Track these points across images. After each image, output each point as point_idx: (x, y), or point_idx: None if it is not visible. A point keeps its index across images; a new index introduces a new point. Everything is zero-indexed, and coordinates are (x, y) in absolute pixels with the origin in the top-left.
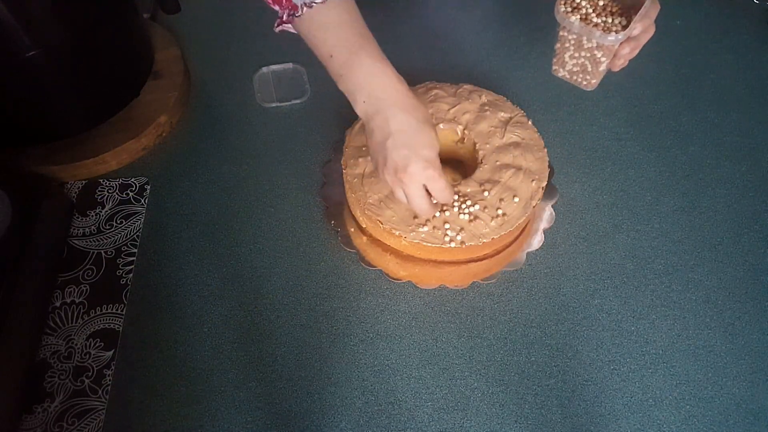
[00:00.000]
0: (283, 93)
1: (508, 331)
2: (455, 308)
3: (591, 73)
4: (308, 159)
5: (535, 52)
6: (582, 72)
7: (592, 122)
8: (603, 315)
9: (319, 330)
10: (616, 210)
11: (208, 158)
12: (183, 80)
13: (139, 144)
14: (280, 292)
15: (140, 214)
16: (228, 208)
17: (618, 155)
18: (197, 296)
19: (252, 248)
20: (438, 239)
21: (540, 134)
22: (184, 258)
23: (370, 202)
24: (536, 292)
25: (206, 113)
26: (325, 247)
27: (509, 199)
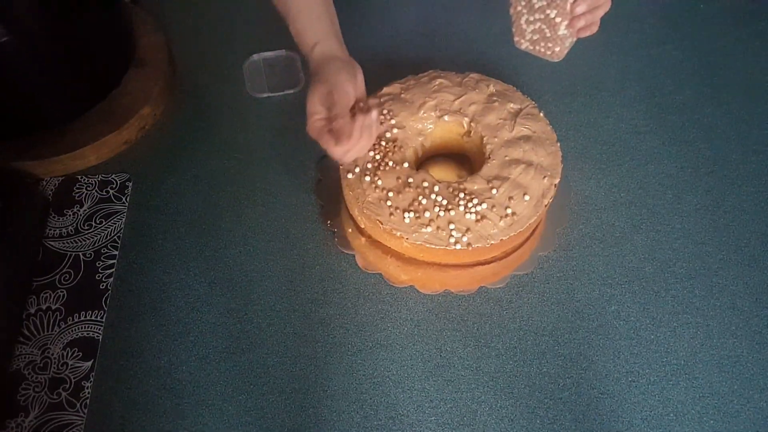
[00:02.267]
0: (275, 82)
1: (518, 340)
2: (461, 315)
3: (552, 39)
4: (303, 154)
5: None
6: (542, 39)
7: (609, 114)
8: (620, 322)
9: (314, 338)
10: (635, 209)
11: (195, 153)
12: (167, 69)
13: (120, 138)
14: (272, 298)
15: (121, 213)
16: (216, 206)
17: (637, 149)
18: (183, 302)
19: (242, 250)
20: (442, 240)
21: (552, 127)
22: (168, 261)
23: (369, 201)
24: (548, 297)
25: (193, 104)
26: (320, 249)
27: (519, 198)
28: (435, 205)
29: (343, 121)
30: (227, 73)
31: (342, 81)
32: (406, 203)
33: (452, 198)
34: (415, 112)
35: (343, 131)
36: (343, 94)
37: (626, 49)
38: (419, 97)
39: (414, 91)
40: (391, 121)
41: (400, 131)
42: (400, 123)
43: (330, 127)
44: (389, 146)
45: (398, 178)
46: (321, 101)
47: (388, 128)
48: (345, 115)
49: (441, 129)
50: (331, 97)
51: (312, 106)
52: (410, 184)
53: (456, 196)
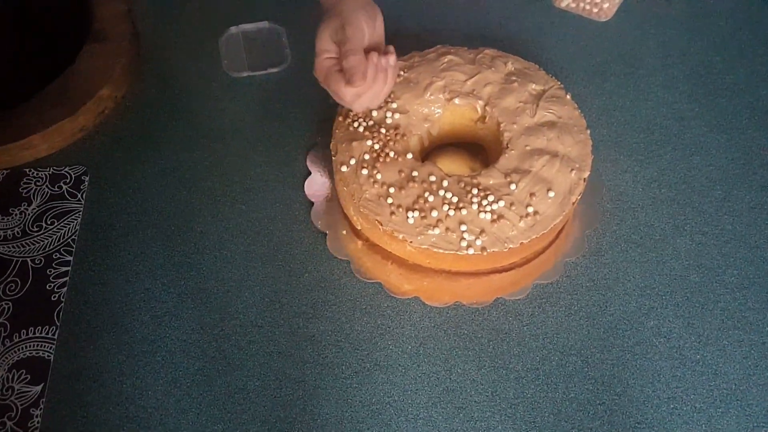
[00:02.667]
0: (256, 59)
1: (540, 361)
2: (474, 331)
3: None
4: (289, 143)
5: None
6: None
7: (648, 96)
8: (660, 340)
9: (302, 359)
10: (677, 207)
11: (163, 142)
12: (130, 43)
13: (76, 124)
14: (253, 312)
15: (76, 212)
16: (188, 205)
17: (680, 138)
18: (149, 316)
19: (218, 256)
20: (452, 244)
21: (581, 112)
22: (132, 268)
23: (366, 198)
24: (576, 311)
25: (160, 85)
26: (310, 254)
27: (542, 194)
28: (444, 202)
29: (356, 59)
30: (200, 49)
31: (358, 18)
32: (409, 201)
33: (464, 194)
34: (421, 95)
35: (356, 69)
36: (358, 30)
37: (667, 21)
38: (425, 77)
39: (419, 70)
40: (391, 105)
41: (403, 116)
42: (402, 107)
43: (340, 66)
44: (390, 134)
45: (401, 171)
46: (333, 37)
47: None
48: (358, 52)
49: (451, 114)
50: (344, 33)
51: (322, 43)
52: (415, 179)
53: (468, 193)
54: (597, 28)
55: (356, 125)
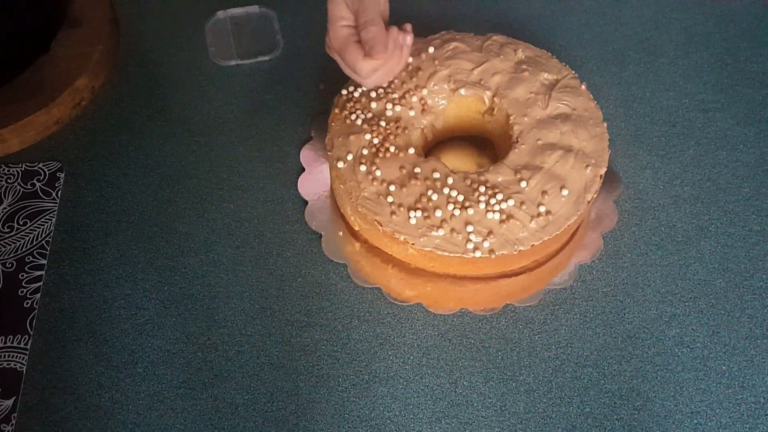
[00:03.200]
0: (246, 47)
1: (553, 372)
2: (481, 340)
3: None
4: (281, 137)
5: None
6: None
7: (669, 86)
8: (683, 350)
9: (296, 370)
10: (701, 206)
11: (144, 136)
12: (109, 29)
13: (50, 116)
14: (242, 319)
15: (51, 212)
16: (171, 203)
17: (704, 132)
18: (129, 324)
19: (204, 259)
20: (458, 246)
21: (597, 103)
22: (111, 272)
23: (365, 196)
24: (592, 318)
25: (141, 75)
26: (304, 257)
27: (555, 192)
28: (448, 201)
29: (378, 30)
30: (185, 36)
31: None
32: (411, 199)
33: (470, 193)
34: (424, 84)
35: (377, 41)
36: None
37: (690, 5)
38: (428, 65)
39: (422, 58)
40: (392, 96)
41: (404, 109)
42: (404, 98)
43: (358, 37)
44: (391, 127)
45: (402, 167)
46: (348, 5)
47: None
48: (379, 23)
49: (456, 106)
50: (360, 2)
51: (338, 9)
52: (417, 176)
53: (475, 191)
54: (614, 13)
55: (354, 118)
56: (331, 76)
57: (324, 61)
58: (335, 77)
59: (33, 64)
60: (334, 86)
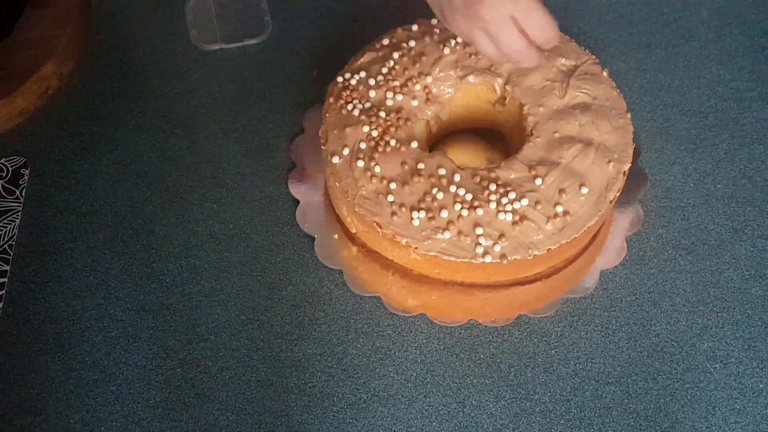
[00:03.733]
0: (230, 29)
1: (571, 391)
2: (492, 355)
3: None
4: (269, 129)
5: None
6: None
7: (700, 73)
8: (716, 365)
9: (287, 387)
10: (736, 206)
11: (118, 128)
12: (79, 10)
13: (14, 106)
14: (226, 332)
15: (14, 212)
16: (148, 203)
17: (738, 123)
18: (101, 337)
19: (185, 264)
20: (466, 251)
21: (620, 92)
22: (80, 279)
23: (362, 195)
24: (614, 331)
25: (115, 60)
26: (294, 262)
27: (574, 190)
28: (455, 201)
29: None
30: (163, 16)
31: None
32: (414, 199)
33: (480, 191)
34: (428, 71)
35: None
36: None
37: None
38: (434, 50)
39: (426, 41)
40: (393, 83)
41: (407, 98)
42: (406, 86)
43: None
44: (391, 119)
45: (404, 163)
46: None
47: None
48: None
49: (464, 94)
50: None
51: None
52: (420, 172)
53: (485, 189)
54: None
55: (350, 108)
56: (324, 62)
57: (317, 45)
58: (329, 63)
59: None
60: (328, 73)
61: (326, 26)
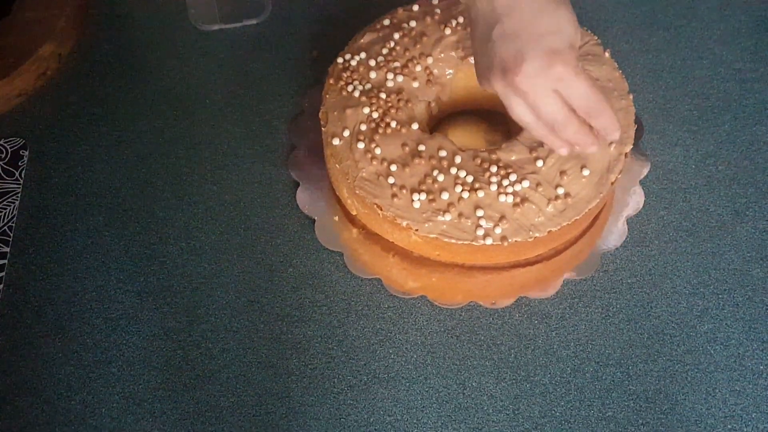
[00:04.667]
0: (230, 9)
1: (572, 372)
2: (492, 337)
3: None
4: (269, 110)
5: None
6: None
7: (703, 54)
8: (716, 347)
9: (287, 369)
10: (738, 188)
11: (117, 110)
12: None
13: (12, 88)
14: (226, 313)
15: (14, 194)
16: (148, 185)
17: (741, 104)
18: (101, 319)
19: (185, 247)
20: (467, 233)
21: (622, 72)
22: (80, 261)
23: (363, 177)
24: (615, 312)
25: (113, 41)
26: (295, 244)
27: (575, 172)
28: (456, 182)
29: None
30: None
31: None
32: (415, 180)
33: (480, 173)
34: (429, 52)
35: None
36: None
37: None
38: (434, 30)
39: (427, 22)
40: (393, 64)
41: (407, 79)
42: (407, 67)
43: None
44: (392, 100)
45: (404, 144)
46: None
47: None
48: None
49: (465, 75)
50: None
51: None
52: (421, 154)
53: (486, 171)
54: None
55: (351, 89)
56: (324, 43)
57: (317, 26)
58: (329, 43)
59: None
60: (329, 53)
61: (326, 6)
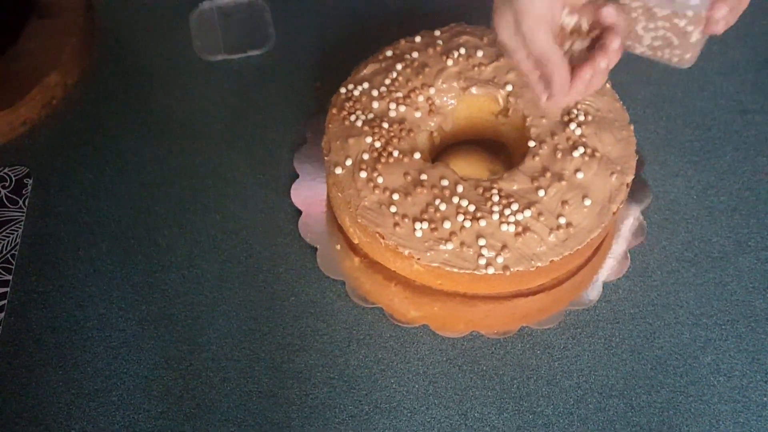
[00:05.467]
0: (234, 40)
1: (575, 403)
2: (494, 367)
3: (680, 47)
4: (272, 140)
5: None
6: (667, 47)
7: (704, 86)
8: (720, 378)
9: (288, 399)
10: (740, 219)
11: (121, 138)
12: (84, 20)
13: (17, 117)
14: (228, 342)
15: (17, 222)
16: (151, 213)
17: (742, 136)
18: (103, 347)
19: (187, 274)
20: (469, 262)
21: (623, 103)
22: (82, 289)
23: (365, 206)
24: (618, 343)
25: (119, 71)
26: (297, 272)
27: (577, 202)
28: (458, 212)
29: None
30: (167, 27)
31: None
32: (417, 209)
33: (482, 202)
34: (431, 82)
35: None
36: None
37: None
38: (436, 61)
39: (429, 53)
40: (396, 94)
41: (410, 109)
42: (409, 97)
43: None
44: (394, 129)
45: (406, 174)
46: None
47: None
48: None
49: (467, 105)
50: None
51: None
52: (423, 183)
53: (488, 200)
54: None
55: (353, 119)
56: (327, 73)
57: (320, 56)
58: (332, 74)
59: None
60: (332, 84)
61: (329, 38)
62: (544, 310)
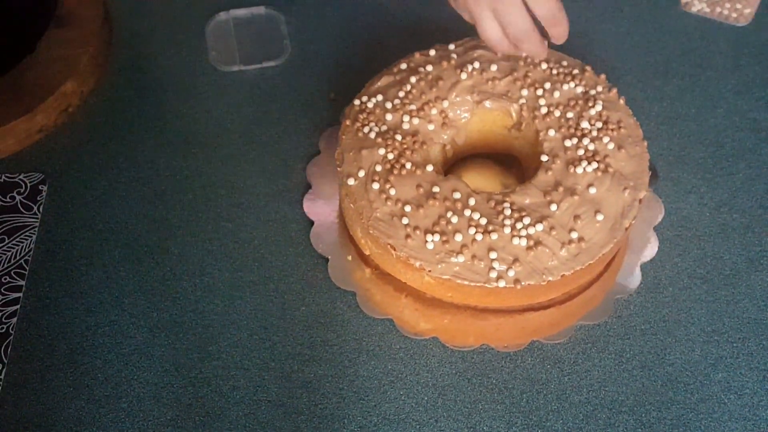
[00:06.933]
0: (250, 51)
1: (584, 419)
2: (504, 381)
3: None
4: (286, 150)
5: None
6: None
7: (717, 102)
8: (731, 396)
9: (297, 409)
10: (752, 236)
11: (136, 146)
12: (101, 30)
13: (33, 124)
14: (238, 351)
15: (32, 228)
16: (164, 221)
17: (755, 153)
18: (114, 354)
19: (198, 283)
20: (480, 275)
21: (637, 119)
22: (95, 296)
23: (377, 217)
24: (629, 359)
25: (134, 80)
26: (308, 283)
27: (589, 217)
28: (470, 225)
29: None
30: (183, 38)
31: None
32: (429, 222)
33: (494, 216)
34: (445, 96)
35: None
36: None
37: None
38: (450, 75)
39: (444, 66)
40: (409, 107)
41: (423, 122)
42: (422, 110)
43: None
44: (407, 142)
45: (419, 186)
46: None
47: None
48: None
49: (480, 119)
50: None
51: None
52: (435, 195)
53: (500, 214)
54: (656, 21)
55: (367, 131)
56: (342, 85)
57: (335, 69)
58: (346, 86)
59: (15, 67)
60: (345, 96)
61: (344, 50)
62: (555, 325)
